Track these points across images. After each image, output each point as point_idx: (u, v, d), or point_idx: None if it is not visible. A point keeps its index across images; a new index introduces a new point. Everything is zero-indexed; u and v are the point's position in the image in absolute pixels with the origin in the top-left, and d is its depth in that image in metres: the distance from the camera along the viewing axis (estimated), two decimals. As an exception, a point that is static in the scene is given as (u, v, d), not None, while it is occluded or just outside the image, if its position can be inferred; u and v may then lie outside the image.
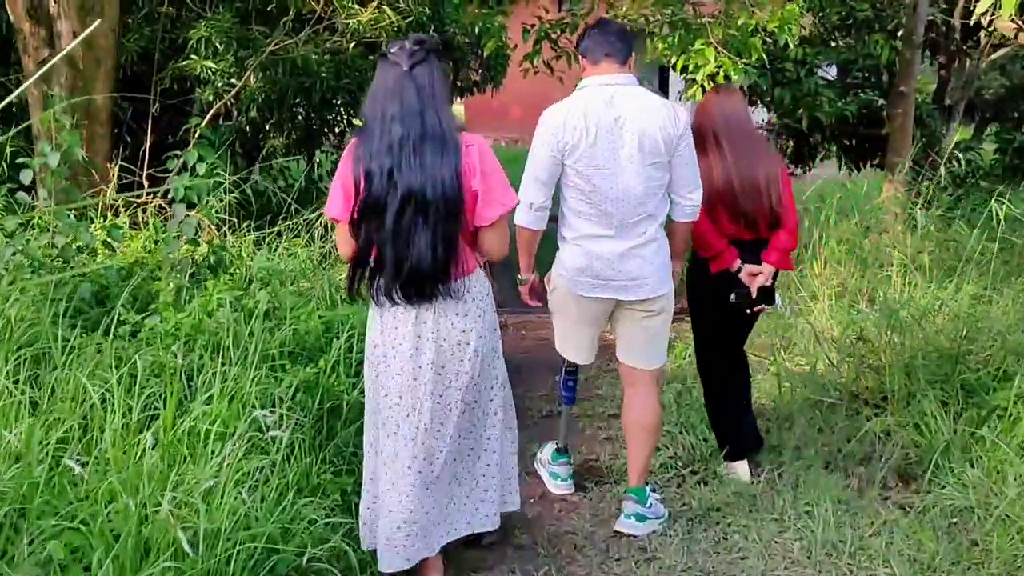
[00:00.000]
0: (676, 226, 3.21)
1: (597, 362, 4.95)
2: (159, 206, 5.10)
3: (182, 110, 6.77)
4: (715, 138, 3.44)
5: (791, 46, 5.67)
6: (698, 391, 4.52)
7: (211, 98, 6.52)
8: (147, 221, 5.02)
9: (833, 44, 8.09)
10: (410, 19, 6.84)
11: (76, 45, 5.63)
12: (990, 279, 4.84)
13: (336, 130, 7.65)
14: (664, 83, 13.77)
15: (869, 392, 4.32)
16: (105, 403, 2.98)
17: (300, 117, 7.17)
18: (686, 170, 3.09)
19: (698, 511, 3.39)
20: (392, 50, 2.58)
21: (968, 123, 8.25)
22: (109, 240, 4.26)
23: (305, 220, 5.57)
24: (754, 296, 3.49)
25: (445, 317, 2.68)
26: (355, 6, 6.48)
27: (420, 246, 2.53)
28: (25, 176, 4.08)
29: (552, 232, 3.24)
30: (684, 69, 5.96)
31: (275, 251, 5.21)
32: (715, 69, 5.67)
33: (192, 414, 2.99)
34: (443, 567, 2.93)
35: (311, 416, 3.25)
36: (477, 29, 6.83)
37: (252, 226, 5.47)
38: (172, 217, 4.22)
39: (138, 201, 5.24)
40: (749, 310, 3.58)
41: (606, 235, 3.06)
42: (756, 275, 3.47)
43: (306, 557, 2.64)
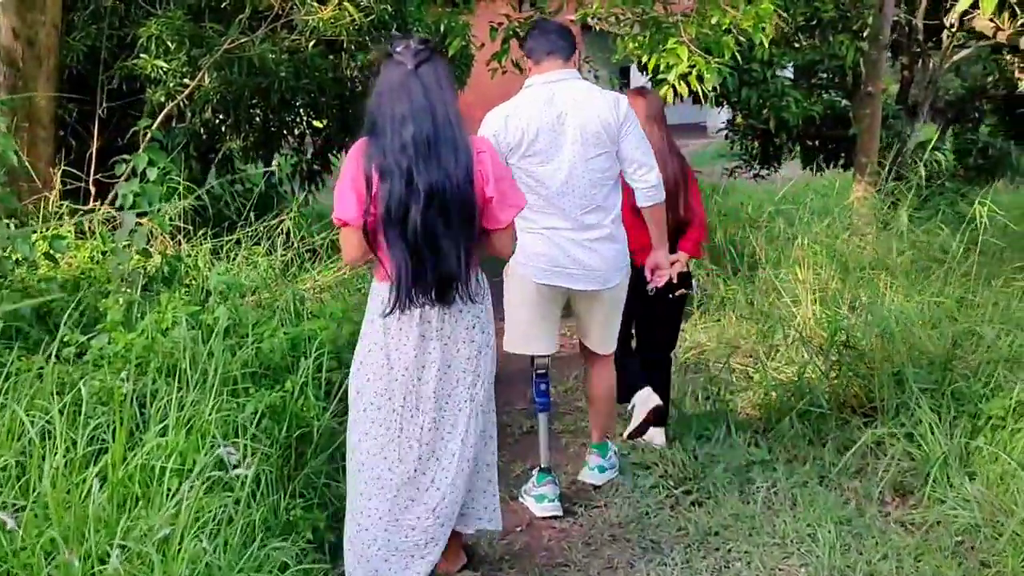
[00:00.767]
0: (645, 213, 3.28)
1: (575, 372, 4.72)
2: (107, 214, 4.72)
3: (131, 112, 6.36)
4: None
5: (764, 45, 5.46)
6: (688, 404, 4.30)
7: (163, 99, 6.12)
8: (94, 230, 4.64)
9: (797, 45, 7.93)
10: (372, 17, 6.52)
11: (15, 42, 5.23)
12: (972, 282, 4.67)
13: (296, 132, 7.28)
14: (626, 86, 13.60)
15: (857, 400, 4.11)
16: (46, 437, 2.64)
17: (258, 119, 6.79)
18: (634, 153, 3.15)
19: (695, 537, 3.13)
20: (397, 49, 2.51)
21: (930, 123, 8.13)
22: (51, 251, 3.89)
23: (265, 227, 5.23)
24: (674, 281, 3.66)
25: (449, 315, 2.59)
26: (314, 3, 6.15)
27: (445, 248, 2.47)
28: (-44, 183, 3.71)
29: None
30: (656, 69, 5.73)
31: (234, 260, 4.86)
32: (687, 69, 5.45)
33: (145, 447, 2.66)
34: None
35: (278, 445, 2.93)
36: (441, 28, 6.54)
37: (209, 234, 5.11)
38: (121, 226, 3.86)
39: (84, 208, 4.86)
40: (671, 294, 3.76)
41: (562, 227, 3.12)
42: (673, 263, 3.63)
43: (276, 608, 2.34)
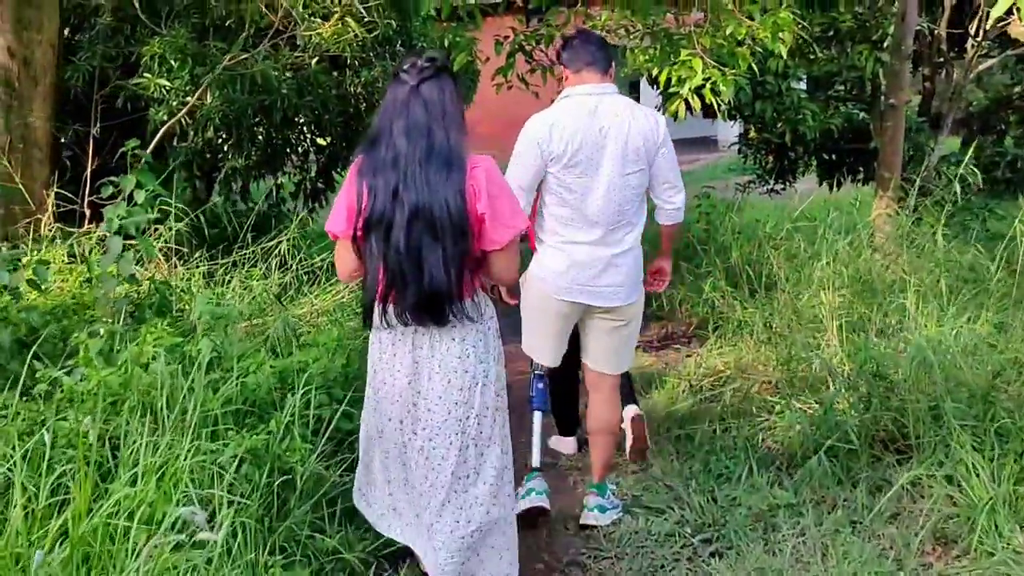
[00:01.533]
0: (662, 228, 3.31)
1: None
2: (103, 237, 4.48)
3: (133, 132, 6.15)
4: None
5: (782, 55, 5.17)
6: (703, 436, 3.99)
7: (164, 118, 5.92)
8: (87, 255, 4.40)
9: (812, 56, 7.63)
10: (376, 33, 6.28)
11: (11, 62, 5.01)
12: (1012, 306, 4.34)
13: (299, 150, 7.04)
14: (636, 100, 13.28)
15: (889, 436, 3.79)
16: (10, 486, 2.38)
17: (260, 137, 6.55)
18: (667, 174, 3.15)
19: (718, 594, 2.84)
20: (403, 67, 2.48)
21: (954, 136, 7.80)
22: (34, 278, 3.64)
23: (263, 248, 4.97)
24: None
25: (441, 342, 2.51)
26: (317, 19, 5.92)
27: (432, 266, 2.39)
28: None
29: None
30: (667, 83, 5.46)
31: (229, 284, 4.60)
32: (702, 82, 5.17)
33: (111, 498, 2.39)
34: None
35: (258, 492, 2.65)
36: (447, 43, 6.29)
37: (206, 256, 4.87)
38: (107, 252, 3.61)
39: (78, 232, 4.62)
40: None
41: (587, 241, 3.07)
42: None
43: None
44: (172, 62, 6.03)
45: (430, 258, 2.38)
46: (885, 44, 7.09)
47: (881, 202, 6.52)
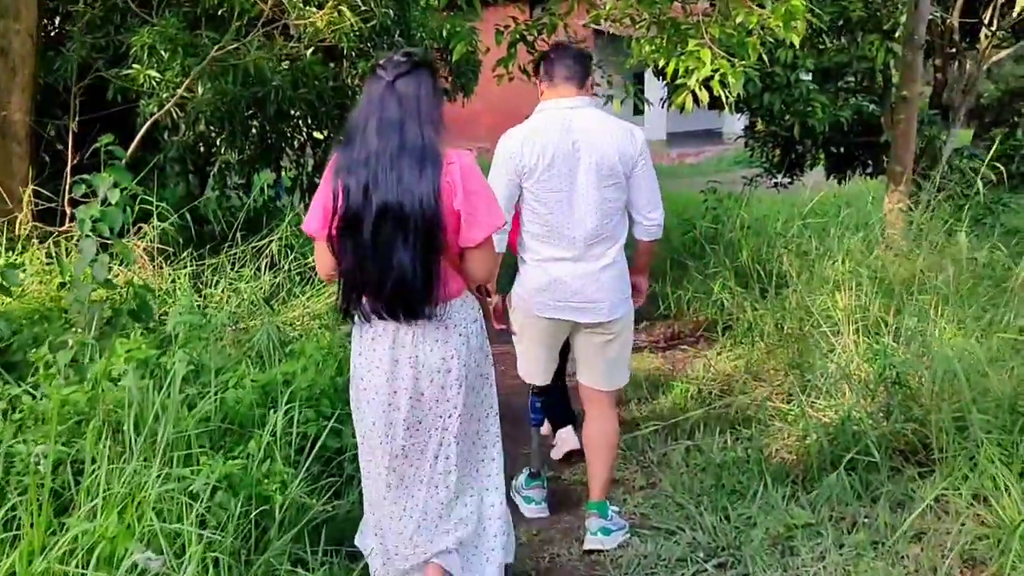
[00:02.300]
0: (639, 244, 3.18)
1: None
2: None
3: (123, 126, 5.88)
4: None
5: (795, 44, 4.89)
6: (714, 448, 3.73)
7: (155, 111, 5.65)
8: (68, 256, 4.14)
9: (821, 47, 7.34)
10: (373, 23, 6.00)
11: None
12: (1036, 308, 4.07)
13: (295, 144, 6.77)
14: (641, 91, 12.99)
15: (910, 447, 3.53)
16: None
17: (254, 130, 6.28)
18: (644, 190, 3.04)
19: (734, 627, 2.58)
20: (380, 63, 2.40)
21: (965, 128, 7.52)
22: (4, 283, 3.39)
23: (254, 247, 4.71)
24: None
25: (424, 343, 2.42)
26: (311, 7, 5.63)
27: (401, 263, 2.30)
28: None
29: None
30: (675, 74, 5.17)
31: (217, 286, 4.35)
32: (710, 73, 4.88)
33: (69, 534, 2.14)
34: None
35: (234, 523, 2.39)
36: (445, 33, 6.03)
37: (194, 255, 4.61)
38: (81, 255, 3.35)
39: (58, 231, 4.37)
40: None
41: (566, 257, 2.99)
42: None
43: None
44: (163, 52, 5.75)
45: (399, 256, 2.31)
46: (897, 34, 6.80)
47: (893, 197, 6.25)
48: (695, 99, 5.18)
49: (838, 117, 6.85)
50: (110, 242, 3.56)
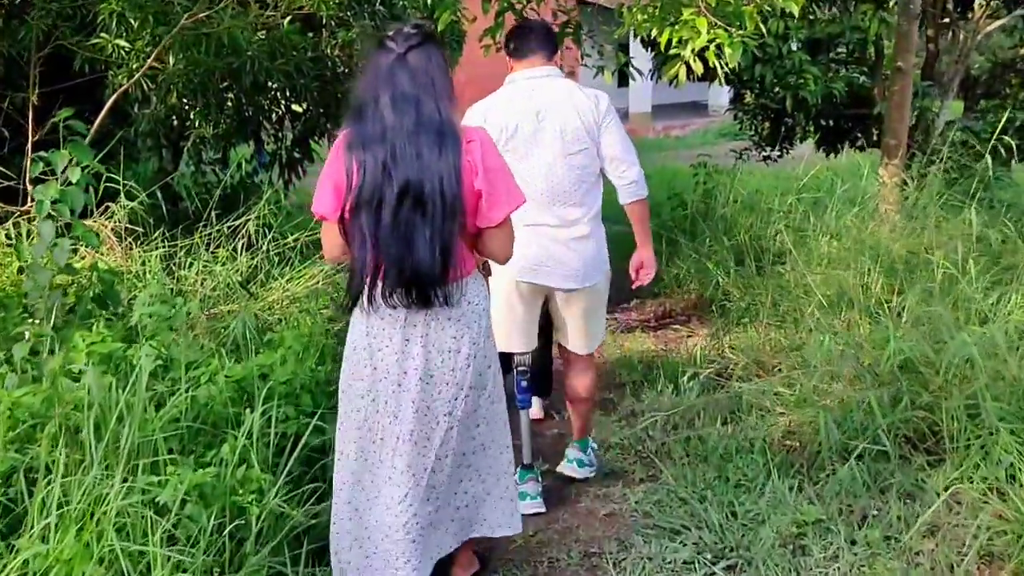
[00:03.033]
0: (628, 209, 3.13)
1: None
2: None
3: (90, 98, 5.54)
4: None
5: (795, 14, 4.64)
6: (714, 436, 3.52)
7: (124, 82, 5.31)
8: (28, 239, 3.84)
9: (813, 17, 7.08)
10: (354, -11, 5.68)
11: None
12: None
13: (273, 117, 6.43)
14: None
15: (918, 434, 3.34)
16: None
17: (230, 103, 5.95)
18: (614, 150, 3.03)
19: (747, 637, 2.38)
20: (389, 34, 2.29)
21: (958, 100, 7.29)
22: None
23: (230, 226, 4.42)
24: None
25: (436, 321, 2.32)
26: (287, -27, 5.30)
27: (419, 245, 2.20)
28: None
29: None
30: (667, 44, 4.91)
31: (190, 268, 4.07)
32: (706, 43, 4.62)
33: (19, 557, 1.90)
34: None
35: (205, 536, 2.15)
36: (429, 2, 5.70)
37: (166, 235, 4.31)
38: (39, 238, 3.07)
39: (19, 210, 4.07)
40: None
41: (545, 223, 2.99)
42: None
43: None
44: (132, 21, 5.39)
45: (419, 237, 2.20)
46: (890, 4, 6.55)
47: (887, 170, 6.03)
48: (688, 70, 4.93)
49: (830, 89, 6.59)
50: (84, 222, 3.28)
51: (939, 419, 3.24)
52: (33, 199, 4.14)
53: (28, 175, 4.30)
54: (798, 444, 3.49)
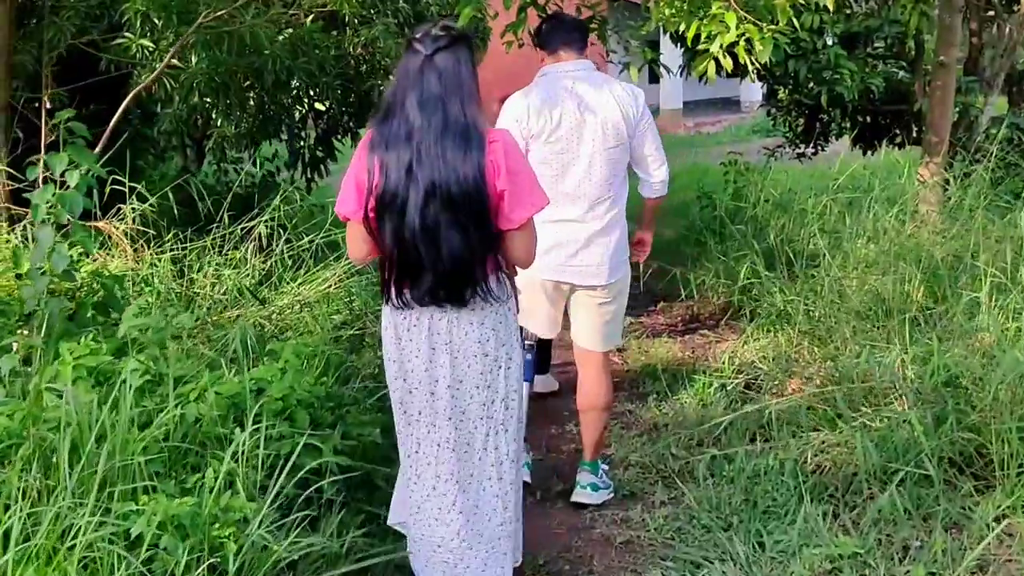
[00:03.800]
0: (645, 201, 3.20)
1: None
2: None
3: (115, 98, 5.40)
4: None
5: (829, 8, 4.33)
6: (741, 455, 3.26)
7: (148, 82, 5.17)
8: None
9: (849, 11, 6.73)
10: (377, -14, 5.48)
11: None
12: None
13: (296, 116, 6.26)
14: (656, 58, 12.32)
15: (964, 457, 3.05)
16: None
17: (251, 102, 5.78)
18: (648, 148, 3.04)
19: None
20: (417, 36, 2.26)
21: (1003, 96, 6.89)
22: (-47, 275, 2.95)
23: (243, 229, 4.25)
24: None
25: (459, 326, 2.29)
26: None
27: (451, 246, 2.18)
28: None
29: None
30: (696, 39, 4.63)
31: (200, 271, 3.89)
32: (736, 38, 4.34)
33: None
34: None
35: (181, 571, 1.95)
36: (453, -2, 5.49)
37: (179, 237, 4.15)
38: (36, 244, 2.90)
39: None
40: None
41: (570, 219, 2.95)
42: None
43: None
44: (155, 20, 5.26)
45: (448, 238, 2.17)
46: (932, -4, 6.18)
47: (928, 169, 5.69)
48: (718, 66, 4.65)
49: (868, 85, 6.25)
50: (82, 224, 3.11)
51: (987, 441, 2.96)
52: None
53: (40, 177, 4.18)
54: (831, 464, 3.21)
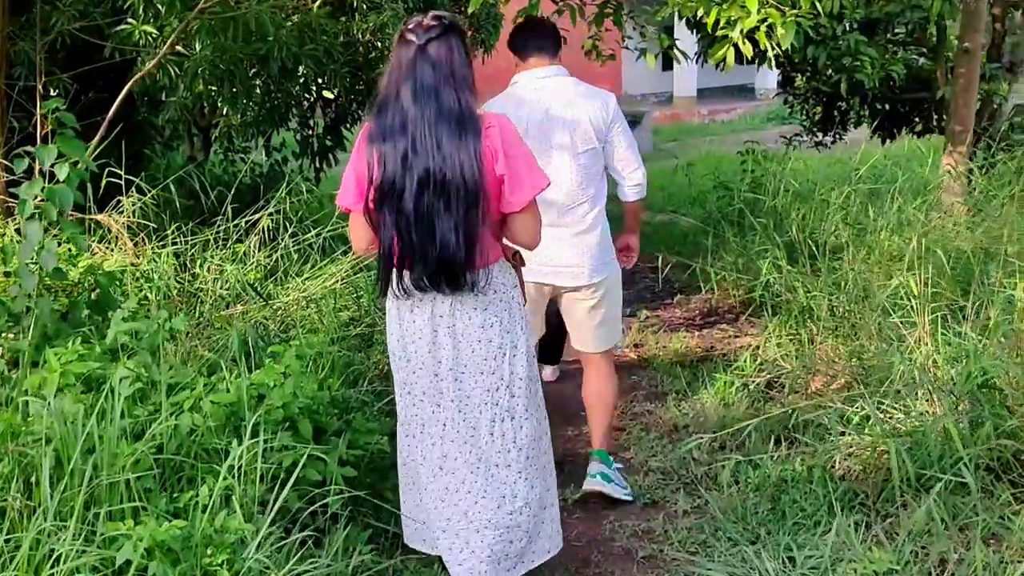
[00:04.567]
0: (625, 205, 3.15)
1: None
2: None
3: (118, 86, 5.22)
4: None
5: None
6: (767, 462, 3.06)
7: (153, 69, 4.98)
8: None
9: (869, -4, 6.47)
10: (384, -29, 5.27)
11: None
12: None
13: (304, 104, 6.06)
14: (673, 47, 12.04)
15: (1001, 462, 2.85)
16: None
17: (258, 90, 5.59)
18: (622, 153, 3.01)
19: None
20: (409, 26, 2.27)
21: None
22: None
23: (248, 221, 4.06)
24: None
25: (462, 311, 2.29)
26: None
27: (443, 232, 2.18)
28: None
29: None
30: (715, 25, 4.40)
31: (203, 266, 3.72)
32: (756, 23, 4.12)
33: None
34: None
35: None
36: (464, -17, 5.30)
37: (183, 230, 3.97)
38: (24, 240, 2.72)
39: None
40: None
41: (550, 223, 2.77)
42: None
43: None
44: (159, 6, 5.07)
45: (443, 225, 2.18)
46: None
47: (951, 158, 5.46)
48: (737, 53, 4.43)
49: (888, 72, 6.01)
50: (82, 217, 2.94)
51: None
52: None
53: (37, 168, 4.00)
54: (861, 470, 3.02)
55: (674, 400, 3.78)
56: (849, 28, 6.02)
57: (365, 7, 5.70)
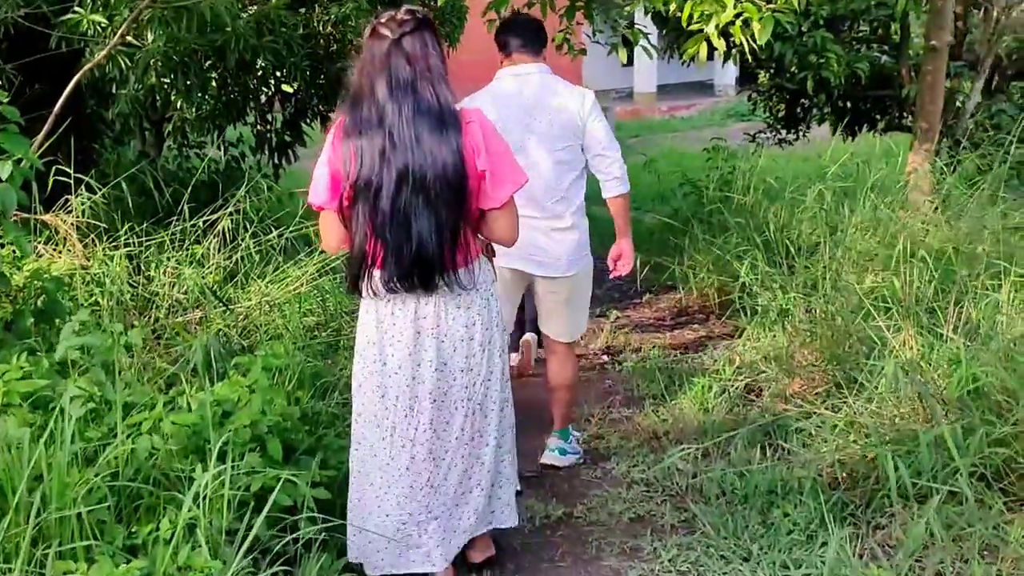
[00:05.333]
0: (610, 203, 3.08)
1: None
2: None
3: (64, 78, 4.93)
4: None
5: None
6: (746, 460, 2.96)
7: (103, 61, 4.70)
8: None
9: (835, -8, 6.42)
10: (347, -39, 5.05)
11: None
12: None
13: (261, 98, 5.81)
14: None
15: (992, 470, 2.78)
16: None
17: (214, 83, 5.33)
18: (599, 146, 3.01)
19: None
20: (381, 20, 2.23)
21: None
22: None
23: (206, 221, 3.83)
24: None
25: (446, 311, 2.27)
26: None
27: (421, 231, 2.15)
28: None
29: None
30: (690, 19, 4.29)
31: (158, 268, 3.49)
32: (731, 18, 4.01)
33: None
34: None
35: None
36: (428, -25, 5.11)
37: (139, 230, 3.73)
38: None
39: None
40: None
41: (532, 215, 2.91)
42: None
43: None
44: (109, -5, 4.79)
45: (420, 224, 2.14)
46: (920, -22, 5.90)
47: (917, 156, 5.44)
48: (710, 48, 4.32)
49: (854, 69, 5.98)
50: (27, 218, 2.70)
51: (1019, 454, 2.69)
52: None
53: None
54: (847, 476, 2.92)
55: (652, 406, 3.66)
56: (815, 25, 5.97)
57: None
